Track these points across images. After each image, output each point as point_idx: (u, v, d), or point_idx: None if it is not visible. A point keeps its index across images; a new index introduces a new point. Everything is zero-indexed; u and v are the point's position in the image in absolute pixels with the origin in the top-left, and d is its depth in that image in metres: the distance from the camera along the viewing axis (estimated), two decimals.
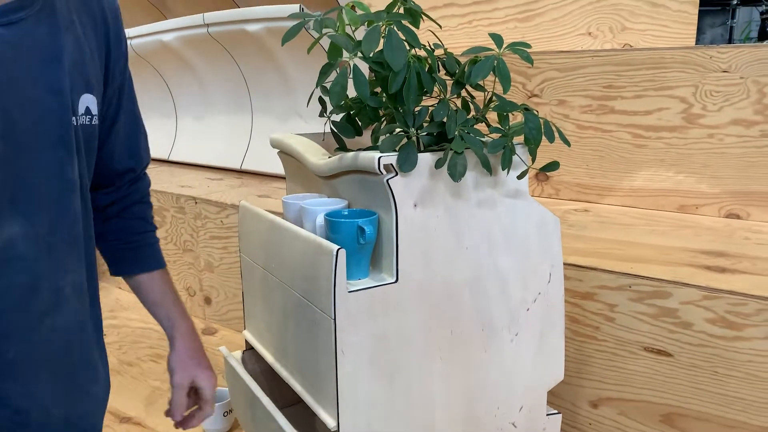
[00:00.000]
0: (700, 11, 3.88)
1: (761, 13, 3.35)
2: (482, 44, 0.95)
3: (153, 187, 2.26)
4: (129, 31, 2.33)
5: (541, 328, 1.04)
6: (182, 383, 0.91)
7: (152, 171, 2.42)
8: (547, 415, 1.09)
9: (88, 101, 0.75)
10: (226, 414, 1.35)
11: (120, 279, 0.97)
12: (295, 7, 1.87)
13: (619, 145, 1.66)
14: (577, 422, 1.26)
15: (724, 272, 1.15)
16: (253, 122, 2.31)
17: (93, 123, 0.77)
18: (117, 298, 2.10)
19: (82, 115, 0.75)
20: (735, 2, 3.64)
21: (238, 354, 1.20)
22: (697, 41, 3.75)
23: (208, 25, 2.14)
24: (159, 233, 2.21)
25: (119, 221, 0.93)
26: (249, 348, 1.20)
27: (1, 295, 0.69)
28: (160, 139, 2.61)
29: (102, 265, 0.90)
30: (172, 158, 2.58)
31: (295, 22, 0.89)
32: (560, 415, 1.11)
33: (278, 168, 2.18)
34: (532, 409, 1.06)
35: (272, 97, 2.24)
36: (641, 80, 1.60)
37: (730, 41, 4.26)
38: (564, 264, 1.21)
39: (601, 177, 1.70)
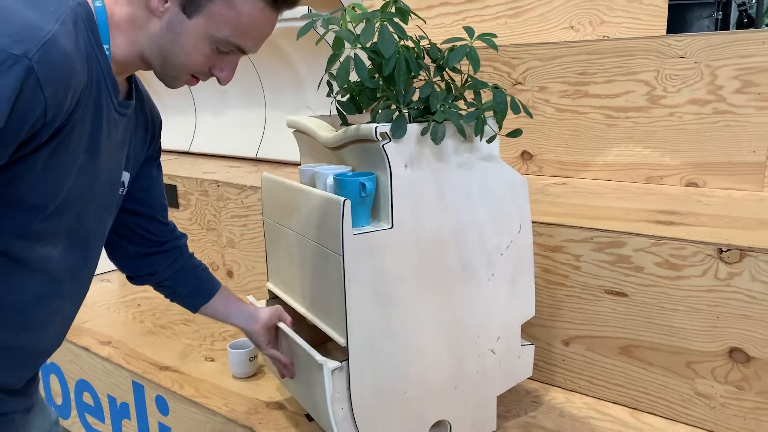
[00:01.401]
0: (687, 4, 4.06)
1: (739, 5, 3.53)
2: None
3: (178, 173, 2.52)
4: None
5: (514, 271, 1.25)
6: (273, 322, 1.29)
7: (176, 161, 2.67)
8: (522, 345, 1.30)
9: (125, 177, 1.04)
10: (251, 359, 1.57)
11: None
12: (303, 9, 2.09)
13: (593, 125, 1.87)
14: (552, 359, 1.48)
15: (671, 225, 1.36)
16: (266, 115, 2.54)
17: (122, 194, 1.05)
18: None
19: (121, 186, 1.03)
20: None
21: (263, 303, 1.42)
22: (685, 33, 3.91)
23: None
24: (184, 215, 2.47)
25: (185, 272, 1.23)
26: (273, 297, 1.42)
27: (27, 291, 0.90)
28: (181, 133, 2.85)
29: None
30: (193, 150, 2.81)
31: (306, 22, 1.11)
32: (533, 346, 1.32)
33: (290, 156, 2.41)
34: (508, 340, 1.27)
35: (284, 91, 2.46)
36: (611, 67, 1.81)
37: None
38: (537, 222, 1.43)
39: (578, 154, 1.91)
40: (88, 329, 1.92)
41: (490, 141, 1.13)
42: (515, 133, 1.14)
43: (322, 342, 1.42)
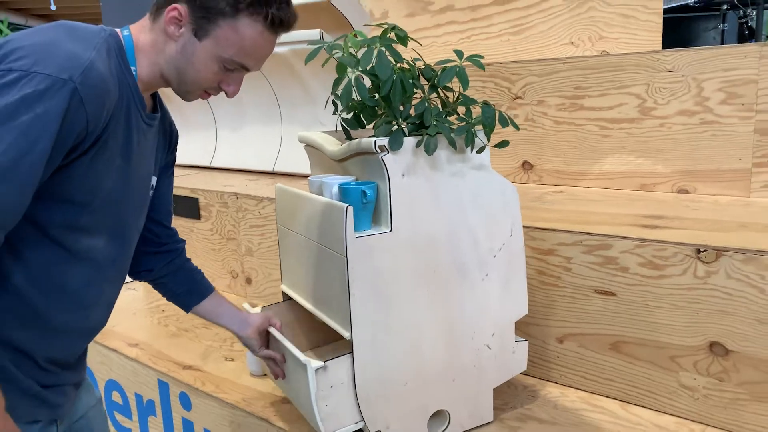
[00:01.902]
0: (693, 17, 4.14)
1: (739, 18, 3.61)
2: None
3: (200, 187, 2.67)
4: None
5: (506, 272, 1.35)
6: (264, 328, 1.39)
7: (198, 175, 2.82)
8: (516, 341, 1.40)
9: (153, 180, 1.19)
10: None
11: None
12: (314, 32, 2.23)
13: (588, 136, 1.97)
14: (547, 356, 1.57)
15: (655, 228, 1.45)
16: (282, 130, 2.68)
17: (150, 194, 1.19)
18: None
19: (150, 188, 1.19)
20: (725, 7, 3.90)
21: (258, 309, 1.51)
22: (691, 45, 4.01)
23: None
24: (206, 226, 2.62)
25: (181, 273, 1.34)
26: (287, 299, 1.54)
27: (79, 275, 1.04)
28: (202, 149, 3.00)
29: None
30: (214, 165, 2.95)
31: (315, 46, 1.23)
32: (527, 342, 1.42)
33: (304, 169, 2.54)
34: (503, 336, 1.37)
35: (298, 108, 2.60)
36: (604, 81, 1.91)
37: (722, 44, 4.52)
38: (531, 227, 1.53)
39: (576, 164, 2.01)
40: (116, 333, 2.05)
41: (479, 152, 1.24)
42: (502, 144, 1.25)
43: (333, 340, 1.54)
